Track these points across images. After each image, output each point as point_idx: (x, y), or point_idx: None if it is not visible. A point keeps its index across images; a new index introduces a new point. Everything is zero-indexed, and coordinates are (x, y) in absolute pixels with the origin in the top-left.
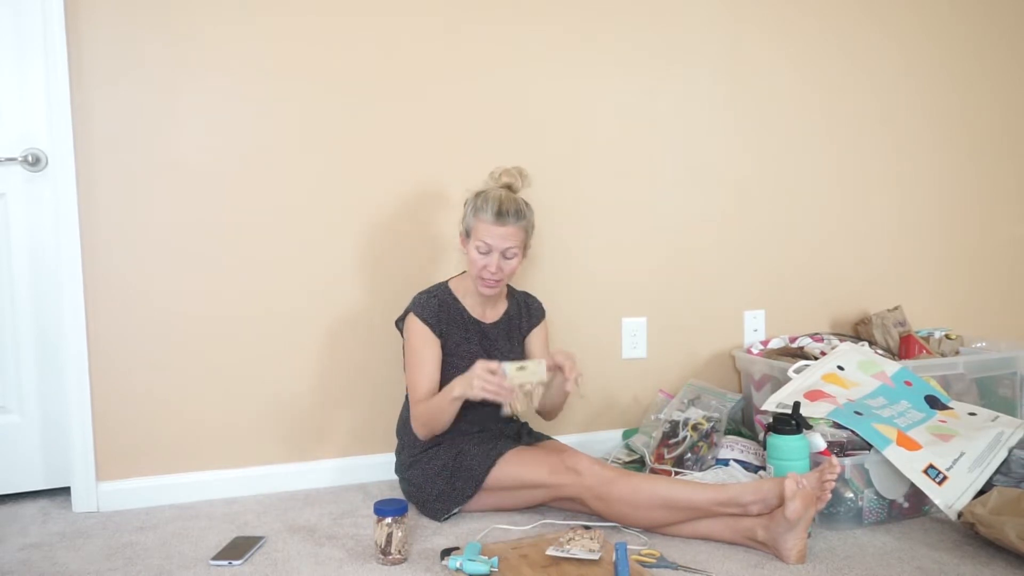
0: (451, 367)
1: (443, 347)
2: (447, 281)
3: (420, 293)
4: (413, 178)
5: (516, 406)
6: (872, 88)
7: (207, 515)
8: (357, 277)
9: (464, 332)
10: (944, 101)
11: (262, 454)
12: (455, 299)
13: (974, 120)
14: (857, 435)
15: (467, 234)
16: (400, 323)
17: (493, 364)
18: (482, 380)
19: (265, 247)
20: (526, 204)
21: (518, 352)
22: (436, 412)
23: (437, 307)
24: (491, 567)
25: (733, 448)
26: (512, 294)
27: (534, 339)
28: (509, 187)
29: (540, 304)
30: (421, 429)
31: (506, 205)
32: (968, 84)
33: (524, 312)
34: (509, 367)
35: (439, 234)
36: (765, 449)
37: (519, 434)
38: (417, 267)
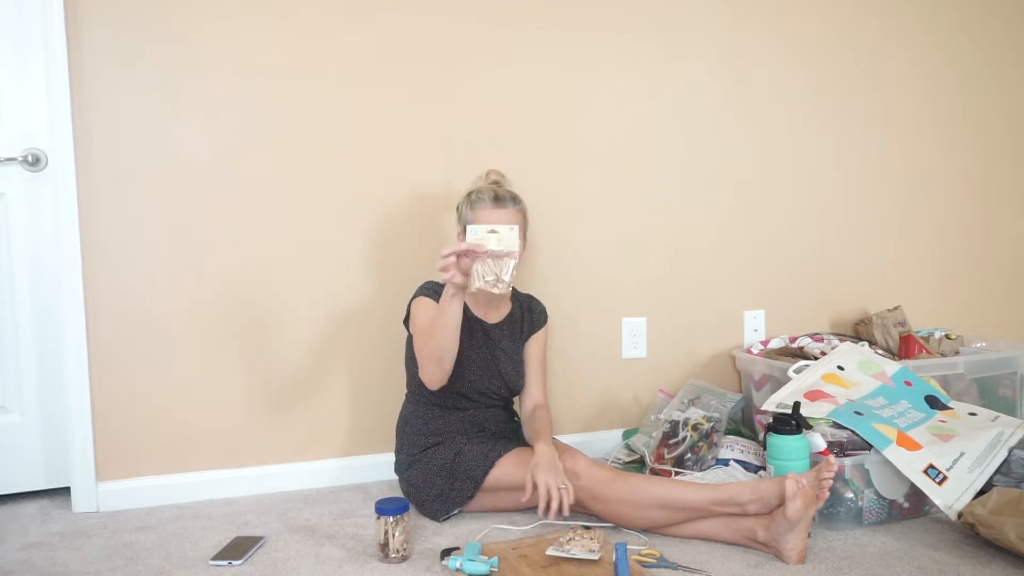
0: (456, 366)
1: None
2: None
3: (426, 282)
4: (413, 177)
5: (486, 276)
6: (873, 88)
7: (207, 515)
8: (357, 277)
9: (468, 330)
10: (945, 100)
11: (262, 454)
12: None
13: (974, 119)
14: (857, 435)
15: (466, 231)
16: (407, 321)
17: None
18: (448, 252)
19: (265, 247)
20: (517, 194)
21: (521, 354)
22: (438, 329)
23: None
24: (491, 567)
25: (733, 448)
26: (516, 296)
27: (532, 345)
28: (497, 183)
29: (544, 309)
30: (430, 366)
31: (501, 192)
32: (969, 84)
33: (527, 315)
34: (479, 229)
35: (441, 233)
36: (765, 449)
37: (518, 434)
38: (417, 267)
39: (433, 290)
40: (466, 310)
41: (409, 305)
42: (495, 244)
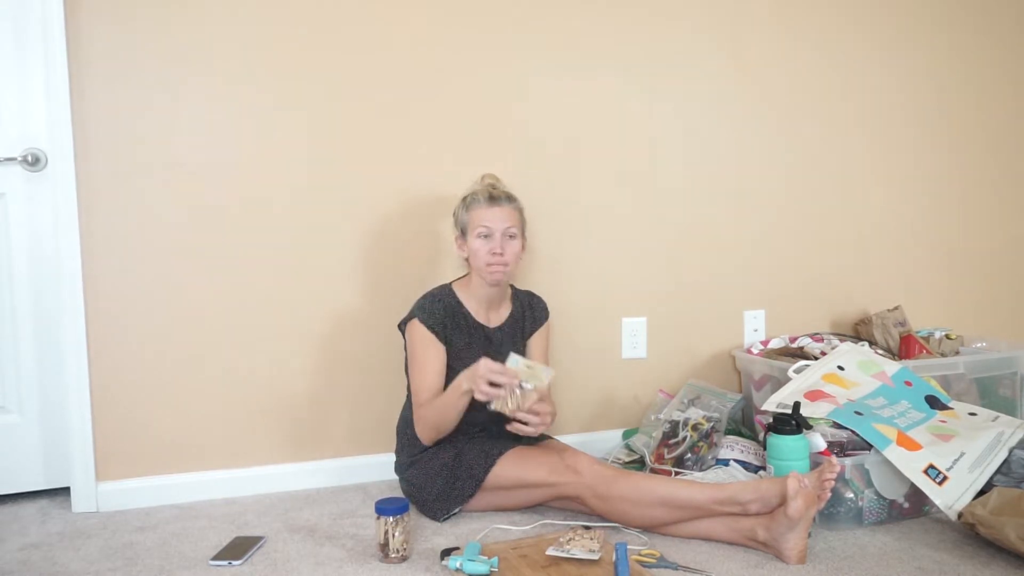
0: (455, 372)
1: (447, 352)
2: (451, 283)
3: (424, 298)
4: (413, 180)
5: (508, 403)
6: (872, 88)
7: (207, 515)
8: (357, 278)
9: (468, 337)
10: (944, 101)
11: (262, 454)
12: (459, 303)
13: (974, 119)
14: (857, 435)
15: (463, 232)
16: (403, 326)
17: (498, 365)
18: (487, 373)
19: (265, 247)
20: (512, 193)
21: (521, 354)
22: (444, 409)
23: (443, 312)
24: (491, 567)
25: (733, 448)
26: (516, 295)
27: (535, 342)
28: (492, 185)
29: (544, 305)
30: (428, 432)
31: (496, 191)
32: (970, 84)
33: (528, 313)
34: (519, 360)
35: (439, 235)
36: (765, 449)
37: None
38: (417, 268)
39: (429, 312)
40: (467, 315)
41: (405, 321)
42: (525, 374)
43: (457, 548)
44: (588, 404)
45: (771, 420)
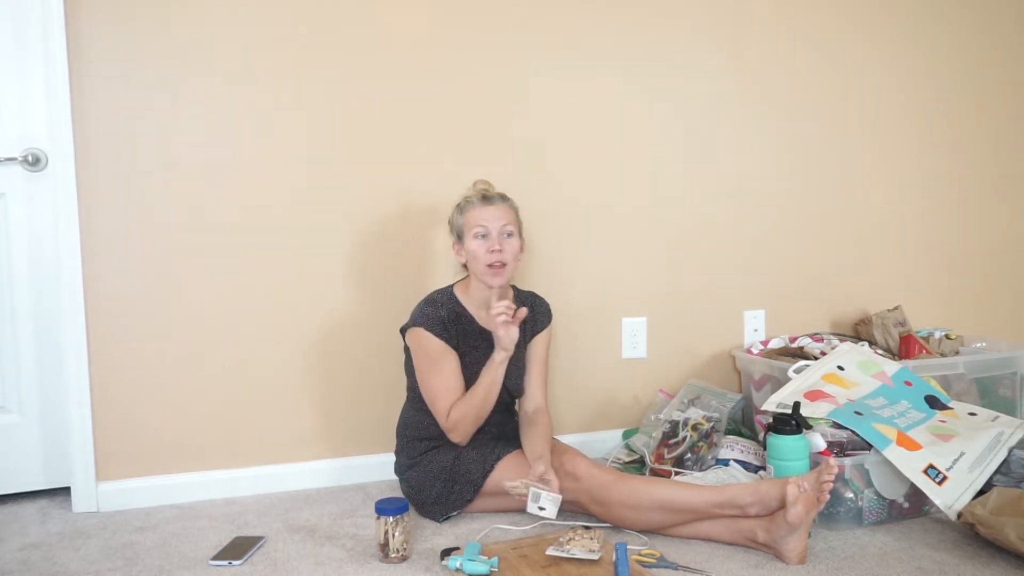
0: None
1: None
2: (451, 287)
3: (425, 303)
4: (413, 180)
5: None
6: (872, 88)
7: (207, 515)
8: (357, 278)
9: (472, 341)
10: (944, 101)
11: (262, 454)
12: (462, 307)
13: (974, 119)
14: (857, 435)
15: (460, 236)
16: (404, 331)
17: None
18: (496, 312)
19: (265, 248)
20: (506, 194)
21: (524, 358)
22: (480, 397)
23: (446, 318)
24: (491, 567)
25: (733, 448)
26: (519, 296)
27: (536, 346)
28: (485, 188)
29: (547, 307)
30: (467, 427)
31: (490, 192)
32: (970, 84)
33: (530, 315)
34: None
35: (437, 236)
36: (765, 449)
37: (518, 435)
38: (417, 268)
39: (433, 319)
40: (471, 320)
41: (407, 327)
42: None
43: (457, 548)
44: (588, 404)
45: (771, 420)
